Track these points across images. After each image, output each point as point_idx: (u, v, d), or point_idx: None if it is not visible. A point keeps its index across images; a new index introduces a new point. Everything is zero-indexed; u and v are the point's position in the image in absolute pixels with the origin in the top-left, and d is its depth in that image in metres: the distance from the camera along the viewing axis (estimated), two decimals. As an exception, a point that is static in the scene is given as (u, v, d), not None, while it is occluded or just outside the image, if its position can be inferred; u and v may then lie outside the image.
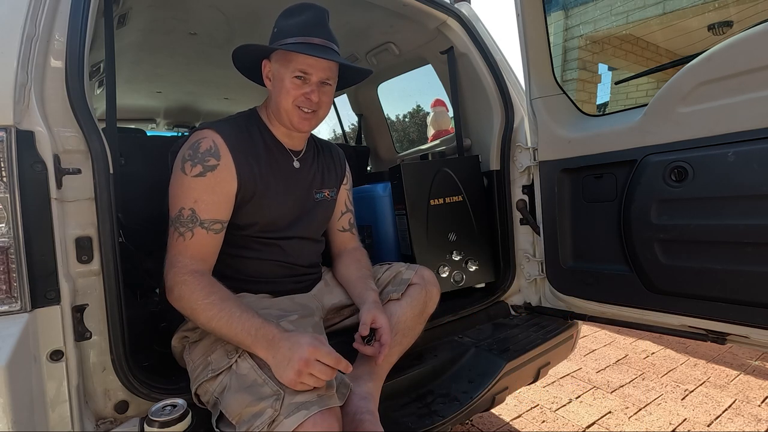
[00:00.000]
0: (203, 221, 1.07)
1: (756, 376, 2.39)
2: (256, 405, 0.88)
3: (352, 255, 1.40)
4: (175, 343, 1.16)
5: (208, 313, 0.97)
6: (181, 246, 1.06)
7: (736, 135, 1.16)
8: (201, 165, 1.08)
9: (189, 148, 1.11)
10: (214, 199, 1.09)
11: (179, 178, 1.10)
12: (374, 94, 2.94)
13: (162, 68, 2.51)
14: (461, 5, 1.95)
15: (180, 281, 1.01)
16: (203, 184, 1.08)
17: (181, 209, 1.07)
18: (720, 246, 1.21)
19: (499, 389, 1.40)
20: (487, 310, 1.77)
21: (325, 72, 1.16)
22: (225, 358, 0.99)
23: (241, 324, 0.95)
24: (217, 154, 1.10)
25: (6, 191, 0.83)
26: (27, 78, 0.89)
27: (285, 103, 1.16)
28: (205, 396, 1.00)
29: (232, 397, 0.93)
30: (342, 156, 1.48)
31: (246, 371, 0.95)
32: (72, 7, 1.01)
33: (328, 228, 1.43)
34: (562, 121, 1.61)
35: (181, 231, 1.06)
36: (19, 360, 0.77)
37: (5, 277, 0.83)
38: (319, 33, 1.15)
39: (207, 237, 1.08)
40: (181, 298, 1.00)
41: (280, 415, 0.85)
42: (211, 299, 0.98)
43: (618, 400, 2.19)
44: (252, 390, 0.91)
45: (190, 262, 1.04)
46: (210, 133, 1.13)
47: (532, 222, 1.76)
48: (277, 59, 1.17)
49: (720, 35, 2.33)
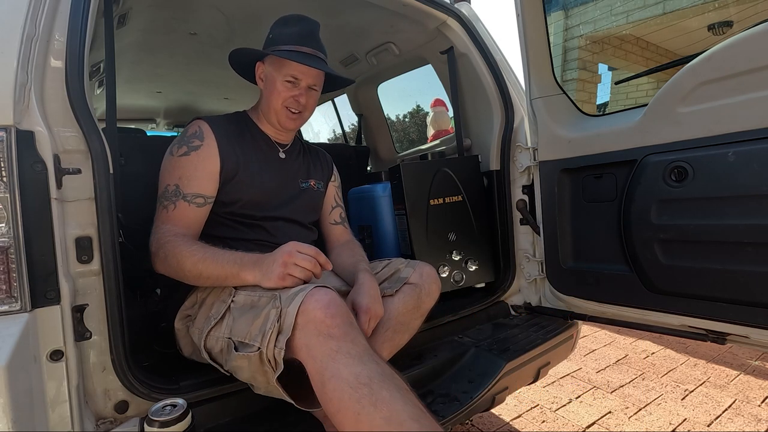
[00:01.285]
0: (186, 194, 1.15)
1: (756, 376, 2.39)
2: (261, 314, 0.95)
3: (345, 246, 1.44)
4: (178, 325, 1.20)
5: (194, 257, 1.04)
6: (164, 216, 1.15)
7: (736, 135, 1.16)
8: (186, 146, 1.19)
9: (179, 136, 1.24)
10: (197, 174, 1.18)
11: (167, 160, 1.21)
12: (374, 94, 2.94)
13: (162, 68, 2.51)
14: (461, 5, 1.95)
15: (164, 242, 1.08)
16: (187, 161, 1.18)
17: (167, 186, 1.17)
18: (720, 246, 1.21)
19: (499, 389, 1.40)
20: (487, 310, 1.77)
21: (313, 78, 1.28)
22: (222, 304, 1.06)
23: (225, 257, 1.04)
24: (201, 136, 1.21)
25: (6, 191, 0.83)
26: (27, 78, 0.89)
27: (275, 102, 1.28)
28: (216, 345, 1.04)
29: (238, 323, 1.00)
30: (329, 159, 1.57)
31: (243, 300, 1.04)
32: (72, 7, 1.01)
33: (321, 223, 1.50)
34: (562, 121, 1.61)
35: (165, 204, 1.15)
36: (19, 360, 0.77)
37: (5, 277, 0.83)
38: (310, 43, 1.27)
39: (189, 209, 1.16)
40: (167, 257, 1.07)
41: (283, 308, 0.91)
42: (194, 247, 1.07)
43: (618, 400, 2.19)
44: (253, 310, 0.99)
45: (173, 228, 1.12)
46: (197, 121, 1.26)
47: (532, 222, 1.76)
48: (271, 63, 1.28)
49: (720, 35, 2.33)
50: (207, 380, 1.11)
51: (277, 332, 0.90)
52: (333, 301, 0.89)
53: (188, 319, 1.18)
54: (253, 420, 1.07)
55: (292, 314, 0.88)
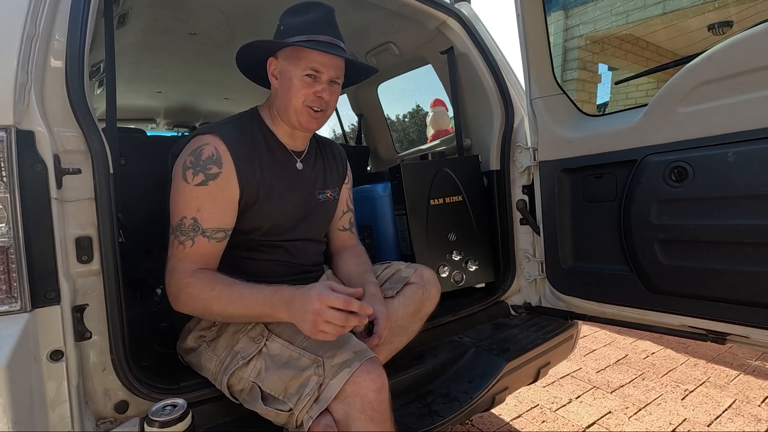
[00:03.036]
0: (205, 230, 1.06)
1: (756, 376, 2.39)
2: (300, 376, 0.94)
3: (351, 252, 1.39)
4: (192, 343, 1.15)
5: (220, 302, 0.99)
6: (182, 254, 1.05)
7: (736, 135, 1.16)
8: (203, 173, 1.06)
9: (190, 155, 1.09)
10: (217, 207, 1.08)
11: (180, 187, 1.07)
12: (374, 94, 2.94)
13: (162, 68, 2.51)
14: (461, 5, 1.95)
15: (183, 285, 1.02)
16: (205, 192, 1.06)
17: (183, 218, 1.06)
18: (720, 246, 1.21)
19: (499, 389, 1.40)
20: (487, 310, 1.77)
21: (335, 71, 1.15)
22: (253, 344, 1.03)
23: (254, 298, 0.98)
24: (219, 161, 1.08)
25: (6, 191, 0.83)
26: (27, 78, 0.89)
27: (295, 101, 1.14)
28: (239, 384, 1.02)
29: (273, 375, 0.97)
30: (343, 154, 1.46)
31: (278, 350, 1.00)
32: (72, 7, 1.01)
33: (329, 227, 1.42)
34: (562, 121, 1.61)
35: (181, 240, 1.05)
36: (19, 360, 0.77)
37: (5, 277, 0.83)
38: (328, 30, 1.13)
39: (209, 245, 1.07)
40: (190, 301, 1.02)
41: (326, 378, 0.91)
42: (217, 290, 0.99)
43: (618, 400, 2.18)
44: (291, 365, 0.97)
45: (191, 266, 1.04)
46: (212, 138, 1.10)
47: (532, 222, 1.76)
48: (286, 56, 1.15)
49: (720, 35, 2.33)
50: (207, 380, 1.10)
51: (313, 400, 0.91)
52: (385, 385, 0.93)
53: (202, 339, 1.14)
54: (253, 420, 1.07)
55: (335, 388, 0.90)
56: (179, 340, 1.21)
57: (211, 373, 1.08)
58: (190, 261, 1.05)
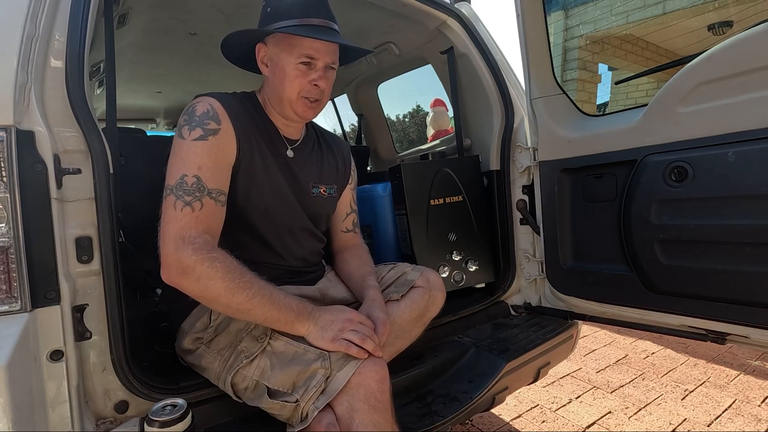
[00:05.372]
0: (210, 191, 0.96)
1: (756, 376, 2.39)
2: (307, 369, 0.94)
3: (352, 251, 1.37)
4: (189, 345, 1.13)
5: (250, 291, 0.91)
6: (191, 218, 0.92)
7: (736, 135, 1.16)
8: (200, 128, 0.98)
9: (185, 114, 1.02)
10: (218, 166, 0.99)
11: (177, 144, 0.99)
12: (374, 94, 2.94)
13: (162, 68, 2.51)
14: (461, 5, 1.95)
15: (207, 258, 0.89)
16: (205, 148, 0.98)
17: (183, 176, 0.95)
18: (720, 246, 1.21)
19: (499, 389, 1.40)
20: (487, 310, 1.77)
21: (331, 56, 1.09)
22: (256, 343, 1.02)
23: (282, 299, 0.96)
24: (216, 117, 1.01)
25: (6, 191, 0.83)
26: (27, 78, 0.89)
27: (290, 92, 1.08)
28: (242, 382, 1.02)
29: (279, 372, 0.97)
30: (347, 152, 1.39)
31: (283, 348, 1.00)
32: (72, 7, 1.01)
33: (331, 228, 1.39)
34: (562, 121, 1.61)
35: (187, 200, 0.93)
36: (19, 360, 0.77)
37: (5, 277, 0.83)
38: (321, 13, 1.06)
39: (216, 209, 0.97)
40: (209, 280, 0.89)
41: (333, 370, 0.92)
42: (248, 276, 0.92)
43: (618, 400, 2.19)
44: (297, 360, 0.96)
45: (209, 238, 0.93)
46: (205, 98, 1.04)
47: (532, 222, 1.76)
48: (276, 43, 1.08)
49: (720, 35, 2.33)
50: (207, 380, 1.10)
51: (320, 392, 0.92)
52: (387, 377, 0.94)
53: (199, 341, 1.11)
54: (253, 420, 1.07)
55: (342, 380, 0.90)
56: (177, 341, 1.20)
57: (213, 373, 1.07)
58: (202, 228, 0.93)
